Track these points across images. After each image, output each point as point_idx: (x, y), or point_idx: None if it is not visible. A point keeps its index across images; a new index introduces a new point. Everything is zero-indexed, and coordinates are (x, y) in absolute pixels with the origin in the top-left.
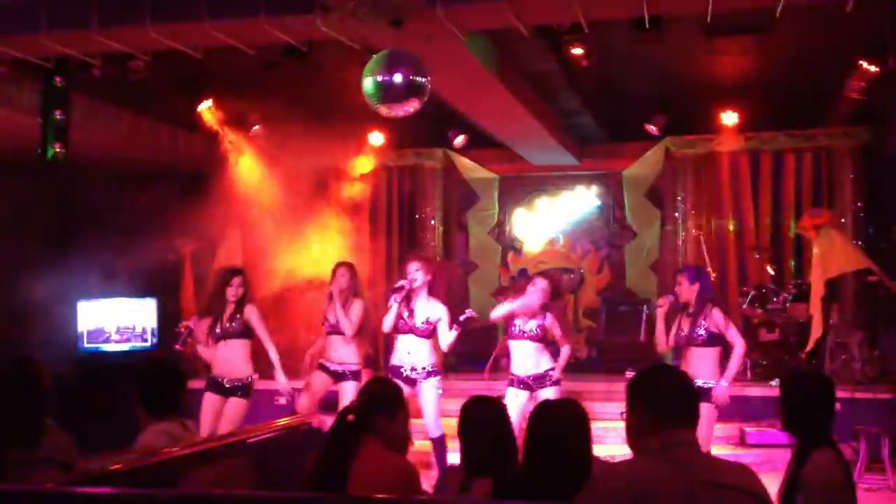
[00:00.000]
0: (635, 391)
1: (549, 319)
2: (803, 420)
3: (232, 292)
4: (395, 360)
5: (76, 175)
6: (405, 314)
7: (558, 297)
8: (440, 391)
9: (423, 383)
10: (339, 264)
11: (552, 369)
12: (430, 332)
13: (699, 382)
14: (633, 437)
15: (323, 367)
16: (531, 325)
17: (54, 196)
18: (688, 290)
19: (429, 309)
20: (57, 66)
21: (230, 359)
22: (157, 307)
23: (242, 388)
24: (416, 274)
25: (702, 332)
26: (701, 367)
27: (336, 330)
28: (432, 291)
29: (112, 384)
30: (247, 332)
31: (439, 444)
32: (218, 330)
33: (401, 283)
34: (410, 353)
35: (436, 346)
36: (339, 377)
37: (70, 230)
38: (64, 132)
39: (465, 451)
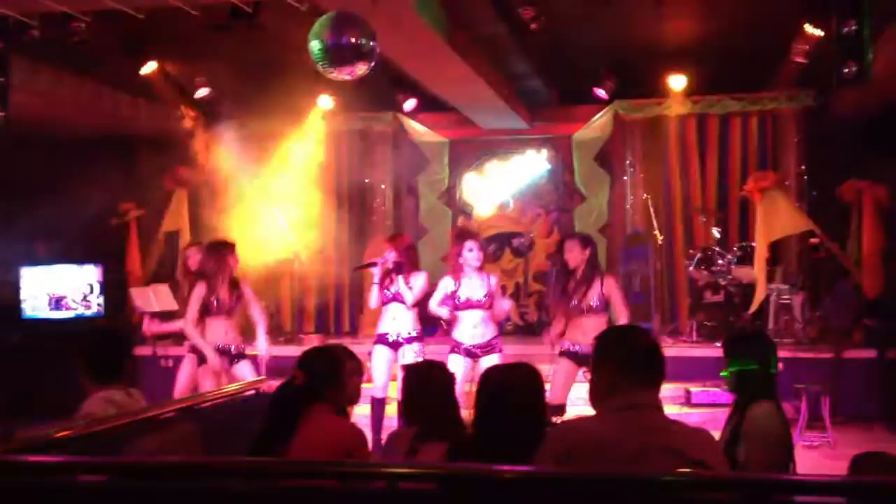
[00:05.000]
0: (602, 350)
1: (494, 282)
2: (741, 378)
3: (235, 263)
4: (382, 328)
5: (17, 139)
6: (386, 285)
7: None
8: (420, 358)
9: (405, 347)
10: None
11: (496, 338)
12: (410, 304)
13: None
14: (595, 396)
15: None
16: (479, 294)
17: None
18: (580, 256)
19: (409, 279)
20: None
21: (231, 329)
22: (101, 273)
23: (244, 353)
24: (388, 255)
25: (596, 301)
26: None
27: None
28: (405, 269)
29: (56, 351)
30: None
31: None
32: (215, 302)
33: (376, 259)
34: (396, 319)
35: (419, 314)
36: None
37: (11, 195)
38: (3, 95)
39: (412, 415)
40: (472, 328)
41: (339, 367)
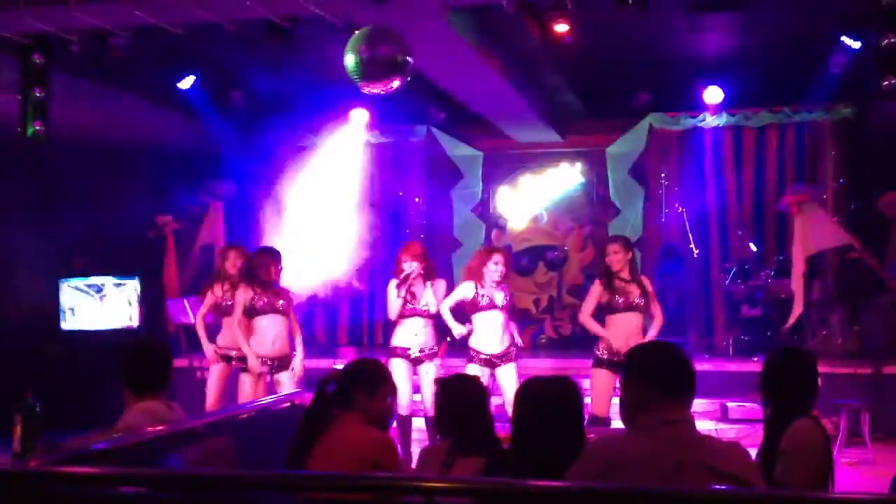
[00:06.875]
0: (630, 366)
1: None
2: (783, 393)
3: (278, 272)
4: (403, 342)
5: (57, 153)
6: (408, 298)
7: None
8: (442, 371)
9: (426, 363)
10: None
11: (511, 346)
12: (435, 312)
13: None
14: (626, 413)
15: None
16: (500, 296)
17: (35, 174)
18: (624, 259)
19: (429, 290)
20: (36, 43)
21: (277, 336)
22: (139, 286)
23: (284, 365)
24: (412, 265)
25: (638, 299)
26: (636, 332)
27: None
28: (427, 276)
29: (94, 363)
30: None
31: None
32: (259, 305)
33: (404, 273)
34: (418, 335)
35: (437, 328)
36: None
37: (51, 209)
38: (44, 110)
39: (445, 429)
40: (492, 333)
41: (379, 379)
